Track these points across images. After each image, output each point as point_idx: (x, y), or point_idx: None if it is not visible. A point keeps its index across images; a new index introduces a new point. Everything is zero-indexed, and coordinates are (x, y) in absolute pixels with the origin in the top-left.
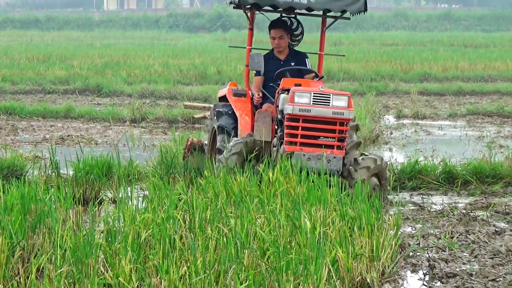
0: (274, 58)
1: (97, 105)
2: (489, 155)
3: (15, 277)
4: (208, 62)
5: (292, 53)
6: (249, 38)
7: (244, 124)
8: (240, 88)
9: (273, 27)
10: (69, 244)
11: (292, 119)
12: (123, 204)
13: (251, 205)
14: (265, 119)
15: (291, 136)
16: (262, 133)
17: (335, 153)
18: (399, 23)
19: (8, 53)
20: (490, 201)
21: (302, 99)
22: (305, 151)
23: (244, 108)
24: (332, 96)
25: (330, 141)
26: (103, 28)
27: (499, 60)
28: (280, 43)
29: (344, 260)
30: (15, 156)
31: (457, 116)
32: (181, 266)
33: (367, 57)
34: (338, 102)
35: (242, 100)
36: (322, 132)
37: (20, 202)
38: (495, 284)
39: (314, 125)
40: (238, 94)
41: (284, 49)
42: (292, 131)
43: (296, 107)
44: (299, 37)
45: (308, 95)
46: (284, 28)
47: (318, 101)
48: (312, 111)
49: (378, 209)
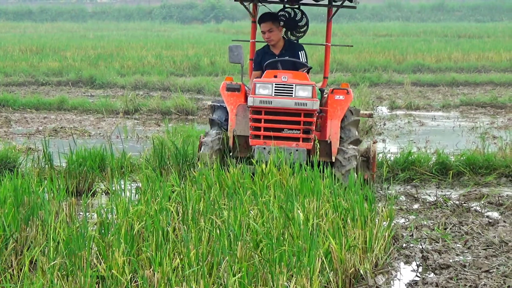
0: (269, 53)
1: (90, 97)
2: (482, 146)
3: (8, 269)
4: (201, 53)
5: (287, 46)
6: (253, 31)
7: (234, 119)
8: (235, 83)
9: (261, 21)
10: (62, 236)
11: (255, 112)
12: (116, 196)
13: (244, 197)
14: (245, 113)
15: (255, 129)
16: (242, 127)
17: (301, 145)
18: (392, 14)
19: (1, 45)
20: (483, 192)
21: (264, 91)
22: (269, 144)
23: (236, 103)
24: (295, 86)
25: (295, 133)
26: (96, 20)
27: (493, 50)
28: (270, 36)
29: (337, 252)
30: (8, 148)
31: (450, 107)
32: (174, 258)
33: (360, 48)
34: (302, 92)
35: (235, 94)
36: (286, 124)
37: (13, 194)
38: (489, 275)
39: (277, 117)
40: (231, 88)
41: (277, 42)
42: (256, 124)
43: (257, 99)
44: (303, 28)
45: (270, 86)
46: (272, 20)
47: (280, 92)
48: (274, 103)
49: (371, 200)
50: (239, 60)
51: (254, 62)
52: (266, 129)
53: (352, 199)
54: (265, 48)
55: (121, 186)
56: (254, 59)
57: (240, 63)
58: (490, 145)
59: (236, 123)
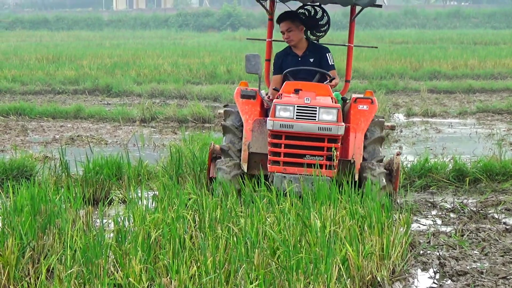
0: (291, 54)
1: (106, 105)
2: (499, 152)
3: (25, 277)
4: (217, 61)
5: (311, 47)
6: (269, 30)
7: (249, 131)
8: (250, 89)
9: (280, 21)
10: (79, 244)
11: (275, 136)
12: (133, 204)
13: (260, 204)
14: (263, 128)
15: (274, 155)
16: (259, 144)
17: (324, 173)
18: (408, 21)
19: (18, 54)
20: (500, 199)
21: (285, 113)
22: (289, 171)
23: (251, 112)
24: (319, 109)
25: (317, 159)
26: (113, 28)
27: (509, 57)
28: (289, 36)
29: (354, 259)
30: (25, 157)
31: (467, 114)
32: (191, 266)
33: (376, 55)
34: (326, 116)
35: (250, 102)
36: (308, 150)
37: (30, 202)
38: (506, 282)
39: (299, 142)
40: (246, 95)
41: (298, 43)
42: (275, 149)
43: (277, 123)
44: (324, 27)
45: (291, 109)
46: (291, 19)
47: (302, 115)
48: (295, 127)
49: (388, 207)
50: (256, 71)
51: (275, 65)
52: (286, 154)
53: (369, 206)
54: (286, 49)
55: (138, 194)
56: (275, 62)
57: (257, 73)
58: (507, 152)
59: (252, 139)
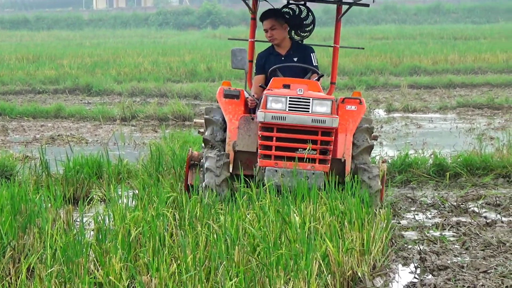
0: (274, 54)
1: (87, 104)
2: (479, 147)
3: (6, 277)
4: (198, 59)
5: (295, 47)
6: (252, 29)
7: (233, 130)
8: (233, 88)
9: (263, 18)
10: (59, 243)
11: (266, 128)
12: (113, 203)
13: (240, 201)
14: (249, 126)
15: (265, 148)
16: (245, 142)
17: (317, 168)
18: (388, 17)
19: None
20: (481, 193)
21: (277, 105)
22: (281, 165)
23: (235, 112)
24: (313, 100)
25: (310, 153)
26: (93, 27)
27: (489, 52)
28: (273, 35)
29: (335, 255)
30: (5, 157)
31: (447, 109)
32: (172, 263)
33: (356, 51)
34: (319, 108)
35: (234, 102)
36: (301, 143)
37: (10, 202)
38: (487, 276)
39: (291, 135)
40: (229, 95)
41: (282, 42)
42: (266, 142)
43: (269, 114)
44: (309, 27)
45: (283, 100)
46: (275, 17)
47: (295, 106)
48: (288, 119)
49: (368, 203)
50: (243, 66)
51: (257, 65)
52: (277, 148)
53: (349, 202)
54: (269, 49)
55: (118, 192)
56: (257, 62)
57: (244, 68)
58: (487, 146)
59: (239, 137)
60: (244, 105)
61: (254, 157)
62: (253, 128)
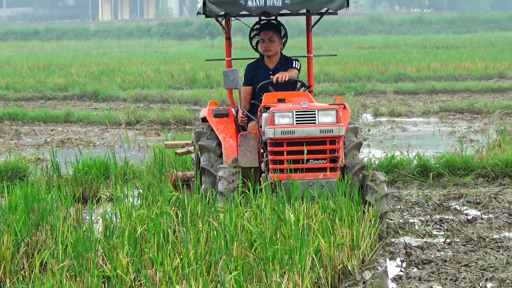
0: (262, 67)
1: (94, 110)
2: (460, 149)
3: (20, 271)
4: (197, 67)
5: (283, 61)
6: (227, 49)
7: (229, 148)
8: (222, 108)
9: (264, 28)
10: (70, 239)
11: (276, 144)
12: (120, 202)
13: (238, 199)
14: (249, 142)
15: (275, 163)
16: (248, 159)
17: (329, 176)
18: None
19: (11, 63)
20: (462, 191)
21: (284, 120)
22: (294, 177)
23: (227, 130)
24: (318, 112)
25: (321, 163)
26: (99, 38)
27: (469, 60)
28: (269, 47)
29: (327, 250)
30: (18, 159)
31: (430, 113)
32: (175, 258)
33: (345, 60)
34: (325, 118)
35: (224, 121)
36: (311, 154)
37: (24, 201)
38: (468, 269)
39: (301, 147)
40: (219, 114)
41: (274, 55)
42: (277, 157)
43: (278, 130)
44: (283, 40)
45: (290, 115)
46: (274, 30)
47: (302, 119)
48: (297, 132)
49: (357, 201)
50: (235, 86)
51: (246, 76)
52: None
53: (340, 200)
54: (258, 61)
55: (124, 192)
56: (246, 73)
57: (237, 88)
58: (468, 148)
59: (240, 154)
60: (234, 122)
61: (256, 172)
62: (252, 145)
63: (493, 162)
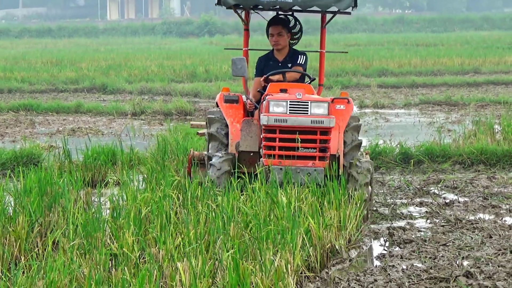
0: (272, 59)
1: (102, 101)
2: (439, 138)
3: (34, 249)
4: (197, 63)
5: (291, 54)
6: (245, 39)
7: (235, 132)
8: (232, 94)
9: (272, 24)
10: (80, 220)
11: (269, 130)
12: (126, 185)
13: (235, 183)
14: (251, 128)
15: (268, 149)
16: (248, 143)
17: (317, 164)
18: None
19: (26, 58)
20: (441, 177)
21: (278, 108)
22: (284, 164)
23: (235, 115)
24: (311, 103)
25: (311, 152)
26: (107, 35)
27: (446, 56)
28: (278, 40)
29: (316, 230)
30: (33, 146)
31: (411, 105)
32: (176, 237)
33: (333, 56)
34: (317, 109)
35: (234, 106)
36: (302, 143)
37: (38, 185)
38: (446, 248)
39: (292, 135)
40: (229, 100)
41: (283, 48)
42: (269, 143)
43: (272, 117)
44: (297, 35)
45: (284, 104)
46: (283, 25)
47: (295, 109)
48: (289, 121)
49: (344, 185)
50: (243, 73)
51: (257, 68)
52: (281, 148)
53: (328, 184)
54: (269, 54)
55: (130, 177)
56: (257, 65)
57: (244, 76)
58: (446, 137)
59: (242, 138)
60: (243, 108)
61: (256, 156)
62: (254, 130)
63: (469, 150)
